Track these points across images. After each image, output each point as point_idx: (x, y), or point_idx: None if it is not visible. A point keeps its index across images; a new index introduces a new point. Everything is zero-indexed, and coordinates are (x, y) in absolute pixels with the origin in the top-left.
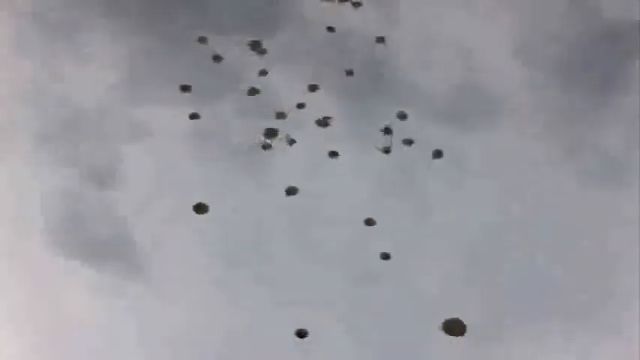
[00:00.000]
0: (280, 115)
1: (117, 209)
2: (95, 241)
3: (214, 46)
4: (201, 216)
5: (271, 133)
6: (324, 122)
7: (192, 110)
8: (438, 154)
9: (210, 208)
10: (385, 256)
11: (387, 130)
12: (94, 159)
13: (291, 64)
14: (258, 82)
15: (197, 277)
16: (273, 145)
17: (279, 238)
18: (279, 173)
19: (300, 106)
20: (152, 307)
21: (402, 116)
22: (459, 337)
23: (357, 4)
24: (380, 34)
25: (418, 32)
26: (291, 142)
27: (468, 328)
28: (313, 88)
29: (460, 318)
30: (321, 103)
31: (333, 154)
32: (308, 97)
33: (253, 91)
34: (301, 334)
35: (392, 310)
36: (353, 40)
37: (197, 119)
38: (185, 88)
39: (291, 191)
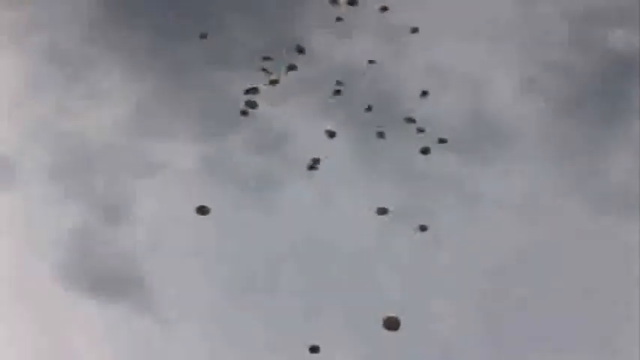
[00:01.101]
0: (290, 149)
1: (127, 245)
2: (105, 277)
3: (224, 79)
4: (212, 251)
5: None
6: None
7: (202, 144)
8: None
9: (221, 243)
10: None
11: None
12: (105, 194)
13: (302, 97)
14: (268, 115)
15: (207, 314)
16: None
17: (289, 273)
18: (290, 209)
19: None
20: (161, 343)
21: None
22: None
23: (364, 38)
24: (388, 69)
25: (425, 65)
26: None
27: None
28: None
29: (469, 352)
30: (332, 138)
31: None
32: (319, 132)
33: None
34: (314, 349)
35: (400, 344)
36: (361, 74)
37: (208, 153)
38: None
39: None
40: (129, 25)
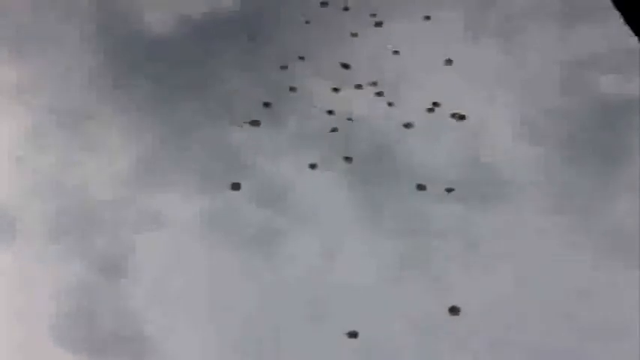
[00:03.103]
0: (291, 201)
1: (128, 302)
2: (105, 335)
3: (222, 134)
4: (215, 305)
5: None
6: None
7: (203, 198)
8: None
9: (224, 298)
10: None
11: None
12: (107, 250)
13: (299, 149)
14: (267, 169)
15: None
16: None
17: (293, 328)
18: (292, 261)
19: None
20: None
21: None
22: None
23: (359, 87)
24: (386, 117)
25: (422, 114)
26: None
27: None
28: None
29: None
30: (329, 188)
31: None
32: (317, 182)
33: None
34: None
35: None
36: (359, 124)
37: (208, 207)
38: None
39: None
40: (130, 80)
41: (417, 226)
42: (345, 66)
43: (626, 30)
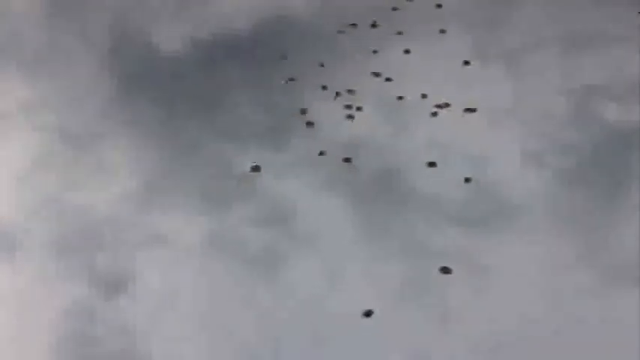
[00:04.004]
0: (293, 223)
1: (129, 324)
2: (105, 355)
3: (227, 154)
4: (215, 328)
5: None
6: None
7: (207, 219)
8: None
9: (223, 321)
10: None
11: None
12: (108, 270)
13: (303, 171)
14: (271, 190)
15: None
16: None
17: (293, 350)
18: (293, 284)
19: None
20: None
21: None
22: None
23: (366, 115)
24: (391, 144)
25: (429, 142)
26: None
27: None
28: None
29: None
30: (333, 211)
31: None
32: (320, 205)
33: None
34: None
35: None
36: (365, 149)
37: (212, 228)
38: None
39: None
40: (136, 102)
41: (420, 250)
42: (373, 78)
43: (629, 58)
